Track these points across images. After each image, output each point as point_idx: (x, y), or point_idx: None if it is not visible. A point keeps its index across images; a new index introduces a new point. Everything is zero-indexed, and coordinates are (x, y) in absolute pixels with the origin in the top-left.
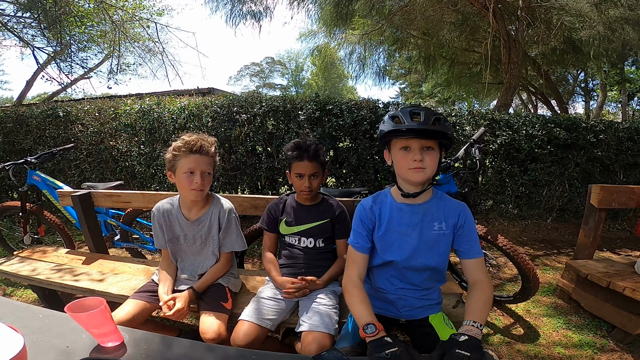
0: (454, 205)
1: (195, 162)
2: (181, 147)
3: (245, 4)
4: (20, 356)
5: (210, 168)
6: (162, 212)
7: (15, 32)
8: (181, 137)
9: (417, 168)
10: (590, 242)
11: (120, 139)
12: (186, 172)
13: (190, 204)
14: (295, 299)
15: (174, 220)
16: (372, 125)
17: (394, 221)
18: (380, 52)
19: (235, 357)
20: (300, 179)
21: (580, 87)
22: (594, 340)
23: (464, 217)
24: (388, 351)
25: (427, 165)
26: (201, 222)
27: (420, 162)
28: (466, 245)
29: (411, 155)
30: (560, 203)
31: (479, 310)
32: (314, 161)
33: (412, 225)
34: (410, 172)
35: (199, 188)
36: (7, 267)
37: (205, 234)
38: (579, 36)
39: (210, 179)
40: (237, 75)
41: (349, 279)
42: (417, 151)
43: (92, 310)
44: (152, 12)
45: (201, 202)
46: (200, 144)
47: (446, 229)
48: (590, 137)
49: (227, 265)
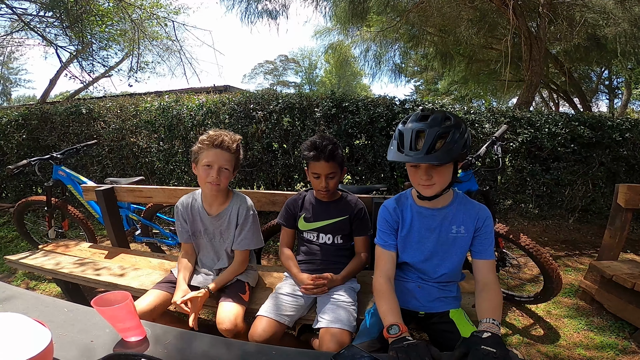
0: (474, 207)
1: (215, 156)
2: (205, 140)
3: (260, 2)
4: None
5: (229, 164)
6: (186, 207)
7: (38, 31)
8: (208, 131)
9: (426, 185)
10: (616, 243)
11: (141, 135)
12: (205, 165)
13: (211, 199)
14: (313, 296)
15: (196, 214)
16: (388, 123)
17: (415, 224)
18: (395, 49)
19: (255, 353)
20: (317, 179)
21: (604, 84)
22: (616, 342)
23: (483, 220)
24: (405, 343)
25: (436, 182)
26: (221, 217)
27: (427, 181)
28: (480, 246)
29: (419, 174)
30: (583, 203)
31: (495, 309)
32: (331, 161)
33: (430, 229)
34: (420, 187)
35: (214, 182)
36: (32, 261)
37: (225, 230)
38: (603, 33)
39: (228, 175)
40: (251, 73)
41: (378, 279)
42: (423, 171)
43: (117, 304)
44: (169, 11)
45: (221, 198)
46: (221, 139)
47: (465, 232)
48: (615, 135)
49: (244, 264)
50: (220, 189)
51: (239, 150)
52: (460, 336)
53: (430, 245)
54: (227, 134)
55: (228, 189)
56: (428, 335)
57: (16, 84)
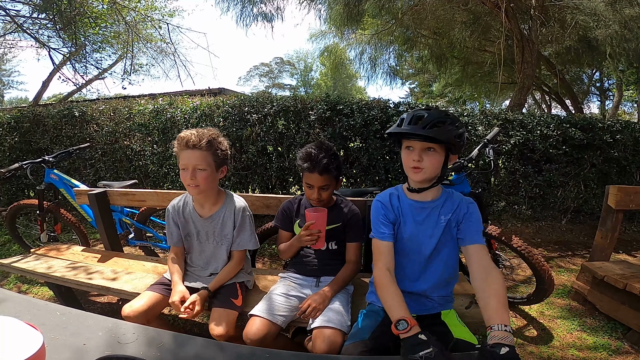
0: (457, 197)
1: (186, 157)
2: (175, 143)
3: (255, 5)
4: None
5: (203, 163)
6: (177, 209)
7: (31, 33)
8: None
9: (416, 168)
10: (607, 243)
11: (134, 138)
12: (182, 169)
13: (202, 200)
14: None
15: (188, 217)
16: (382, 125)
17: (407, 216)
18: (390, 52)
19: (249, 356)
20: (311, 189)
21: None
22: (609, 342)
23: (466, 206)
24: (422, 353)
25: (426, 166)
26: (214, 219)
27: (418, 162)
28: (468, 231)
29: (412, 155)
30: (575, 204)
31: (503, 308)
32: (325, 174)
33: (419, 221)
34: (410, 170)
35: (191, 184)
36: (24, 265)
37: (218, 232)
38: (594, 35)
39: (206, 175)
40: (246, 76)
41: (379, 273)
42: (417, 152)
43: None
44: (163, 13)
45: (212, 198)
46: (187, 138)
47: (451, 220)
48: (606, 137)
49: (240, 264)
50: (201, 190)
51: (214, 145)
52: (453, 337)
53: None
54: (195, 131)
55: (220, 190)
56: None
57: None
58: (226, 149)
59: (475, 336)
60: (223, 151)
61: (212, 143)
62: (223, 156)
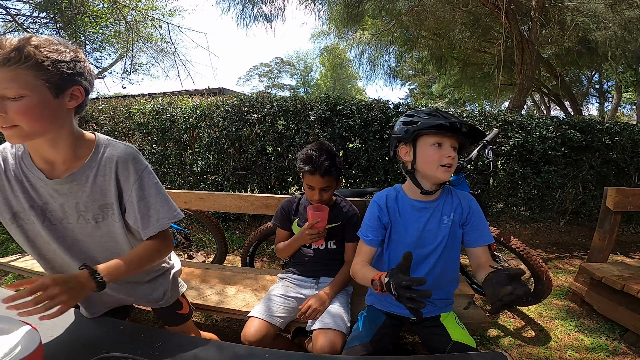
0: (459, 196)
1: None
2: None
3: (256, 5)
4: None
5: (13, 86)
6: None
7: (31, 32)
8: None
9: (448, 165)
10: (605, 245)
11: (134, 138)
12: None
13: (50, 150)
14: (304, 297)
15: (21, 178)
16: (382, 126)
17: (408, 217)
18: (390, 52)
19: (247, 356)
20: (311, 190)
21: (595, 88)
22: (606, 343)
23: (469, 206)
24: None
25: (454, 164)
26: (78, 179)
27: (453, 160)
28: (475, 233)
29: (444, 151)
30: (573, 206)
31: None
32: (326, 176)
33: (422, 221)
34: (440, 169)
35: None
36: (22, 264)
37: (89, 203)
38: (593, 37)
39: (24, 106)
40: (246, 76)
41: (355, 265)
42: (449, 148)
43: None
44: (164, 13)
45: (69, 145)
46: None
47: (455, 221)
48: (605, 139)
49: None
50: (25, 132)
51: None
52: (451, 339)
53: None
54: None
55: (84, 133)
56: (420, 338)
57: None
58: (71, 56)
59: (473, 338)
60: (61, 61)
61: (28, 51)
62: (66, 69)
